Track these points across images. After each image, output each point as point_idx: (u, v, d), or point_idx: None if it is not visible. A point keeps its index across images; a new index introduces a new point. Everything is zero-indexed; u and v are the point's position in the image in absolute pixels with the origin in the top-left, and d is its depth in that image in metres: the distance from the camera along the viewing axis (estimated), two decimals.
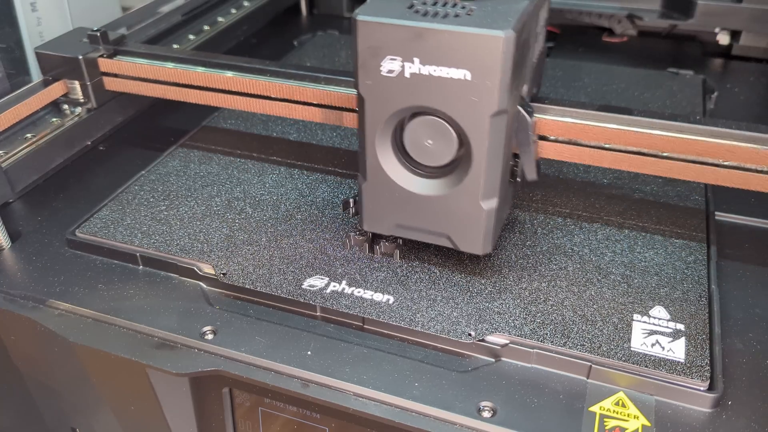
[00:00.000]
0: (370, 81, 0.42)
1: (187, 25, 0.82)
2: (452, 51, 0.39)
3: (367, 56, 0.41)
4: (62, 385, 0.52)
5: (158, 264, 0.51)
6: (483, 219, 0.44)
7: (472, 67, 0.39)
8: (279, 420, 0.47)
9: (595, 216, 0.54)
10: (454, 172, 0.44)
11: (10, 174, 0.59)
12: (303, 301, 0.47)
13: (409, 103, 0.42)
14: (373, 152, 0.45)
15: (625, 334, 0.44)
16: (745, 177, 0.47)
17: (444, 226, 0.46)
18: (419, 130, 0.43)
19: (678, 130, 0.47)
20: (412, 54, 0.40)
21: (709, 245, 0.51)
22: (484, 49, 0.38)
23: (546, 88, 0.74)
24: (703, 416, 0.41)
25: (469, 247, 0.46)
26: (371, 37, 0.40)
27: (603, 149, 0.49)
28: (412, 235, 0.47)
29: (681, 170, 0.48)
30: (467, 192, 0.43)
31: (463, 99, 0.40)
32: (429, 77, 0.40)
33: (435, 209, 0.45)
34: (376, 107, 0.43)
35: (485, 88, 0.39)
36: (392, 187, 0.45)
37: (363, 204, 0.47)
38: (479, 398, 0.41)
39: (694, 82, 0.76)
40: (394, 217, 0.47)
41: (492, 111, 0.40)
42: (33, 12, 0.80)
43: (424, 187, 0.45)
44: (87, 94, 0.65)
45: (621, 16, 0.91)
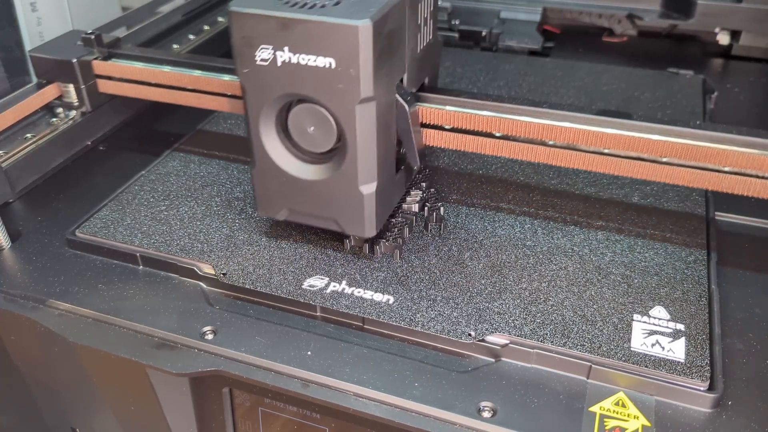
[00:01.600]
0: (247, 69, 0.44)
1: (187, 26, 0.82)
2: (317, 40, 0.41)
3: (242, 46, 0.43)
4: (62, 385, 0.52)
5: (158, 264, 0.51)
6: (363, 203, 0.46)
7: (336, 55, 0.41)
8: (279, 420, 0.47)
9: (595, 216, 0.54)
10: (335, 158, 0.46)
11: (10, 174, 0.59)
12: (303, 301, 0.47)
13: (283, 91, 0.44)
14: (259, 138, 0.47)
15: (625, 334, 0.44)
16: (745, 183, 0.47)
17: (331, 211, 0.48)
18: (301, 117, 0.45)
19: (628, 127, 0.48)
20: (282, 43, 0.42)
21: (709, 245, 0.51)
22: (345, 38, 0.40)
23: (546, 88, 0.74)
24: (703, 416, 0.41)
25: (355, 230, 0.48)
26: (244, 27, 0.43)
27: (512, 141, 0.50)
28: (303, 219, 0.49)
29: (676, 175, 0.48)
30: (346, 177, 0.45)
31: (332, 86, 0.42)
32: (299, 65, 0.42)
33: (321, 194, 0.47)
34: (255, 95, 0.45)
35: (349, 75, 0.41)
36: (279, 173, 0.47)
37: (255, 190, 0.49)
38: (479, 398, 0.41)
39: (694, 82, 0.76)
40: (285, 202, 0.49)
41: (358, 98, 0.42)
42: (33, 12, 0.80)
43: (309, 172, 0.47)
44: (81, 97, 0.65)
45: (621, 16, 0.91)
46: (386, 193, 0.48)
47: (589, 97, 0.72)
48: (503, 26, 0.89)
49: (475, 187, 0.58)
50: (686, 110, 0.69)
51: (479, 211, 0.55)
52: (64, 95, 0.65)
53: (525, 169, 0.61)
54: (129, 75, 0.63)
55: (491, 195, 0.57)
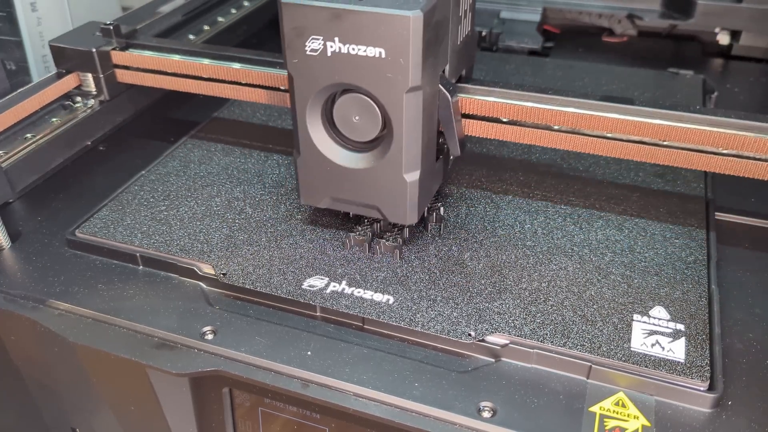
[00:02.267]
0: (297, 60, 0.45)
1: (187, 25, 0.82)
2: (367, 30, 0.42)
3: (292, 36, 0.44)
4: (62, 385, 0.52)
5: (158, 264, 0.51)
6: (407, 191, 0.46)
7: (386, 45, 0.42)
8: (279, 420, 0.47)
9: (595, 216, 0.54)
10: (380, 147, 0.47)
11: (10, 174, 0.59)
12: (303, 301, 0.47)
13: (332, 81, 0.45)
14: (305, 128, 0.47)
15: (625, 334, 0.44)
16: (743, 165, 0.48)
17: (373, 198, 0.48)
18: (347, 107, 0.46)
19: (624, 111, 0.49)
20: (332, 34, 0.43)
21: (709, 245, 0.51)
22: (396, 28, 0.41)
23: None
24: (703, 416, 0.41)
25: (397, 218, 0.48)
26: (295, 18, 0.43)
27: (544, 129, 0.51)
28: (346, 207, 0.50)
29: (633, 152, 0.50)
30: (391, 165, 0.46)
31: (380, 76, 0.43)
32: (348, 55, 0.43)
33: (364, 182, 0.48)
34: (303, 85, 0.46)
35: (398, 65, 0.42)
36: (324, 161, 0.48)
37: (299, 178, 0.50)
38: (479, 398, 0.41)
39: (694, 82, 0.76)
40: (328, 190, 0.49)
41: (406, 87, 0.43)
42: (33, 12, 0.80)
43: (353, 160, 0.48)
44: (100, 86, 0.66)
45: (621, 16, 0.91)
46: (427, 181, 0.49)
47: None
48: (503, 26, 0.89)
49: (475, 187, 0.58)
50: None
51: (479, 211, 0.55)
52: (83, 84, 0.67)
53: (525, 169, 0.61)
54: (146, 65, 0.64)
55: (491, 195, 0.57)
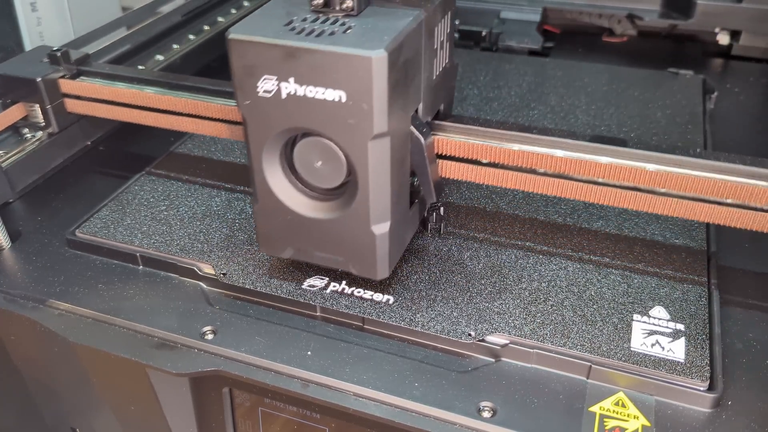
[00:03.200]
0: (249, 101, 0.40)
1: (187, 25, 0.82)
2: (326, 71, 0.37)
3: (243, 75, 0.40)
4: (62, 385, 0.52)
5: (158, 264, 0.51)
6: (375, 244, 0.42)
7: (346, 88, 0.38)
8: (279, 420, 0.47)
9: (595, 216, 0.54)
10: (345, 195, 0.43)
11: (10, 174, 0.59)
12: (303, 301, 0.47)
13: (288, 125, 0.40)
14: (261, 174, 0.43)
15: (625, 334, 0.44)
16: (749, 216, 0.44)
17: (340, 251, 0.44)
18: (308, 151, 0.42)
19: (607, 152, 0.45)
20: (287, 74, 0.38)
21: (708, 245, 0.51)
22: (357, 69, 0.37)
23: (546, 89, 0.74)
24: (703, 416, 0.41)
25: (367, 273, 0.44)
26: (245, 56, 0.39)
27: (528, 172, 0.47)
28: (311, 259, 0.46)
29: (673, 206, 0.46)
30: (357, 216, 0.42)
31: (341, 121, 0.39)
32: (305, 98, 0.39)
33: (329, 233, 0.43)
34: (258, 128, 0.41)
35: (361, 110, 0.38)
36: (284, 210, 0.44)
37: (257, 227, 0.46)
38: (479, 398, 0.41)
39: (694, 82, 0.76)
40: (290, 240, 0.45)
41: (371, 134, 0.38)
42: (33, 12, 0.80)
43: (316, 210, 0.44)
44: (47, 117, 0.61)
45: (621, 16, 0.91)
46: (399, 231, 0.45)
47: (589, 97, 0.72)
48: (503, 26, 0.89)
49: (475, 187, 0.58)
50: (686, 110, 0.69)
51: (479, 211, 0.55)
52: (29, 115, 0.61)
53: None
54: (98, 94, 0.59)
55: (491, 195, 0.57)
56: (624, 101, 0.71)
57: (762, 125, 0.71)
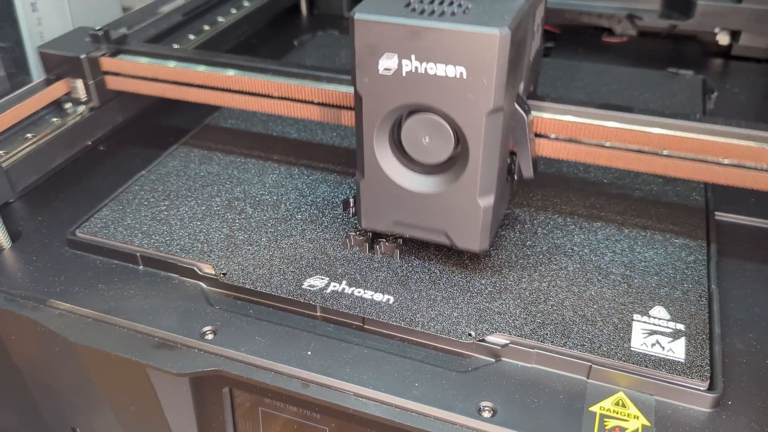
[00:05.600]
0: (368, 79, 0.42)
1: (187, 25, 0.82)
2: (448, 49, 0.39)
3: (364, 54, 0.42)
4: (62, 385, 0.52)
5: (158, 264, 0.51)
6: (480, 216, 0.44)
7: (468, 64, 0.39)
8: (279, 420, 0.47)
9: (595, 216, 0.54)
10: (452, 170, 0.44)
11: (10, 174, 0.59)
12: (303, 301, 0.47)
13: (405, 101, 0.42)
14: (371, 150, 0.45)
15: (625, 334, 0.44)
16: (744, 175, 0.47)
17: (441, 223, 0.46)
18: (416, 128, 0.43)
19: (678, 128, 0.47)
20: (408, 52, 0.40)
21: (709, 245, 0.51)
22: (480, 47, 0.39)
23: (546, 88, 0.74)
24: (703, 416, 0.41)
25: (467, 244, 0.46)
26: (368, 35, 0.41)
27: (601, 147, 0.49)
28: (410, 232, 0.48)
29: (680, 168, 0.48)
30: (464, 189, 0.44)
31: (460, 97, 0.41)
32: (425, 75, 0.41)
33: (432, 206, 0.45)
34: (373, 105, 0.43)
35: (481, 86, 0.40)
36: (390, 185, 0.46)
37: (361, 201, 0.48)
38: (479, 398, 0.41)
39: (694, 82, 0.76)
40: (392, 214, 0.47)
41: (488, 109, 0.40)
42: (33, 12, 0.80)
43: (422, 184, 0.45)
44: (89, 92, 0.65)
45: (621, 16, 0.91)
46: (499, 204, 0.47)
47: (589, 97, 0.72)
48: None
49: None
50: (686, 110, 0.70)
51: None
52: (72, 91, 0.66)
53: None
54: (136, 71, 0.63)
55: None
56: (624, 101, 0.71)
57: None
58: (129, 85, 0.65)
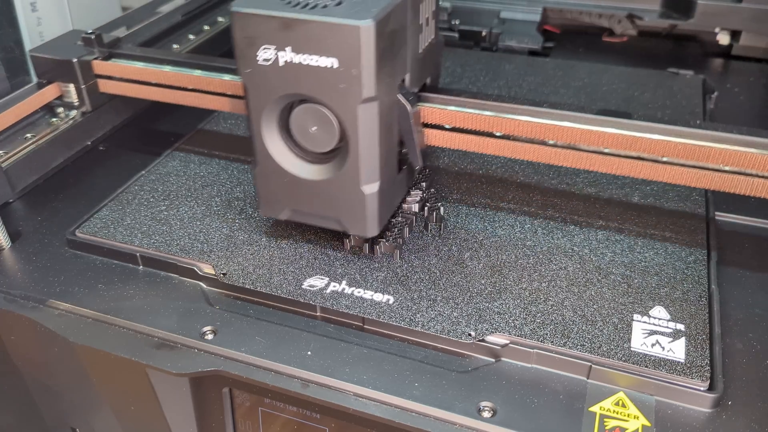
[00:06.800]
0: (249, 69, 0.44)
1: (186, 26, 0.82)
2: (320, 40, 0.41)
3: (244, 46, 0.43)
4: (62, 385, 0.52)
5: (158, 264, 0.51)
6: (366, 203, 0.46)
7: (338, 55, 0.41)
8: (279, 420, 0.47)
9: (595, 216, 0.54)
10: (337, 158, 0.46)
11: (10, 174, 0.59)
12: (303, 301, 0.47)
13: (285, 91, 0.44)
14: (261, 139, 0.47)
15: (625, 334, 0.44)
16: (746, 182, 0.47)
17: (333, 211, 0.48)
18: (304, 117, 0.45)
19: (622, 126, 0.48)
20: (284, 43, 0.42)
21: (709, 245, 0.51)
22: (348, 38, 0.40)
23: (546, 88, 0.74)
24: (703, 416, 0.41)
25: (358, 230, 0.48)
26: (246, 27, 0.43)
27: (492, 137, 0.51)
28: (306, 219, 0.49)
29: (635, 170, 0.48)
30: (349, 177, 0.46)
31: (334, 87, 0.42)
32: (301, 65, 0.42)
33: (324, 194, 0.47)
34: (257, 95, 0.45)
35: (351, 76, 0.41)
36: (281, 173, 0.47)
37: (257, 190, 0.49)
38: (479, 398, 0.41)
39: (694, 82, 0.76)
40: (288, 202, 0.49)
41: (360, 98, 0.42)
42: (33, 12, 0.80)
43: (311, 172, 0.47)
44: (81, 97, 0.65)
45: (621, 16, 0.91)
46: (388, 192, 0.48)
47: (589, 97, 0.72)
48: (503, 26, 0.89)
49: (475, 187, 0.58)
50: (686, 110, 0.69)
51: (479, 211, 0.55)
52: (64, 95, 0.65)
53: (525, 169, 0.61)
54: (129, 75, 0.63)
55: (491, 195, 0.57)
56: (624, 101, 0.71)
57: (762, 125, 0.71)
58: (122, 89, 0.64)
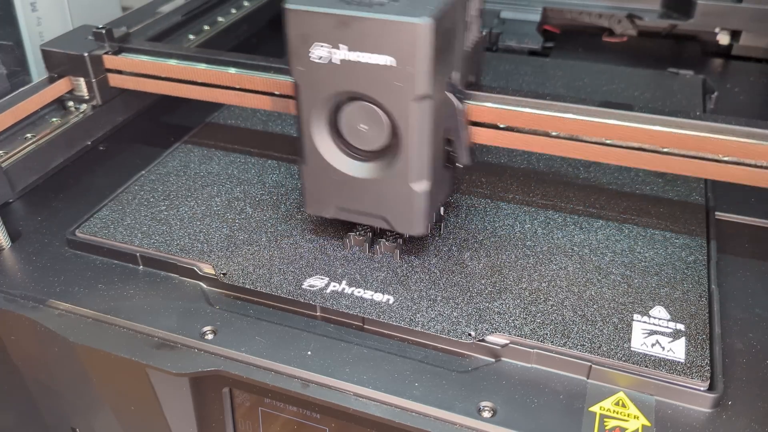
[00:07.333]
0: (302, 67, 0.44)
1: (187, 25, 0.82)
2: (376, 38, 0.41)
3: (297, 43, 0.43)
4: (62, 385, 0.52)
5: (158, 264, 0.51)
6: (415, 201, 0.46)
7: (395, 53, 0.41)
8: (279, 420, 0.47)
9: (595, 216, 0.54)
10: (387, 156, 0.46)
11: (10, 174, 0.59)
12: (303, 301, 0.47)
13: (339, 89, 0.44)
14: (310, 136, 0.46)
15: (625, 334, 0.44)
16: (744, 172, 0.47)
17: (381, 209, 0.47)
18: (354, 115, 0.45)
19: (632, 119, 0.48)
20: (339, 41, 0.42)
21: (709, 245, 0.51)
22: (405, 35, 0.40)
23: (546, 89, 0.74)
24: (703, 416, 0.41)
25: (405, 228, 0.48)
26: (300, 25, 0.42)
27: (549, 136, 0.50)
28: (352, 217, 0.49)
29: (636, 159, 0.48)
30: (399, 175, 0.45)
31: (389, 84, 0.42)
32: (356, 63, 0.42)
33: (372, 192, 0.47)
34: (309, 93, 0.45)
35: (408, 73, 0.41)
36: (330, 171, 0.47)
37: (304, 187, 0.49)
38: (479, 398, 0.41)
39: (694, 82, 0.76)
40: (334, 199, 0.48)
41: (415, 96, 0.42)
42: (33, 12, 0.80)
43: (360, 170, 0.47)
44: (92, 90, 0.66)
45: (621, 16, 0.91)
46: (436, 190, 0.48)
47: (588, 97, 0.72)
48: (503, 26, 0.89)
49: (475, 187, 0.58)
50: (686, 110, 0.69)
51: (479, 210, 0.55)
52: (75, 89, 0.66)
53: (525, 169, 0.61)
54: (139, 69, 0.63)
55: (491, 195, 0.57)
56: (624, 101, 0.71)
57: None
58: (131, 83, 0.65)
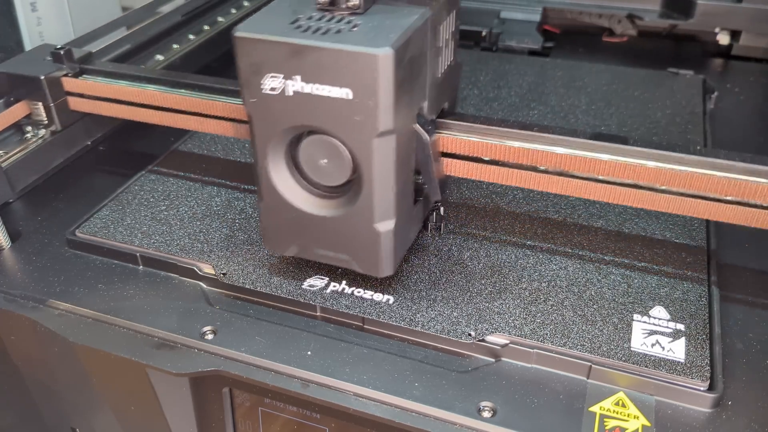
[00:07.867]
0: (255, 99, 0.40)
1: (187, 25, 0.82)
2: (332, 69, 0.38)
3: (249, 73, 0.40)
4: (62, 385, 0.52)
5: (158, 264, 0.51)
6: (379, 241, 0.42)
7: (352, 85, 0.38)
8: (279, 420, 0.47)
9: (595, 216, 0.54)
10: (350, 193, 0.43)
11: (10, 174, 0.59)
12: (303, 301, 0.47)
13: (294, 122, 0.41)
14: (266, 171, 0.43)
15: (625, 334, 0.44)
16: (749, 213, 0.44)
17: (344, 248, 0.44)
18: (313, 149, 0.42)
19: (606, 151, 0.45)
20: (293, 71, 0.39)
21: (708, 245, 0.51)
22: (363, 67, 0.37)
23: (546, 88, 0.74)
24: (703, 416, 0.41)
25: (371, 270, 0.44)
26: (252, 53, 0.39)
27: (535, 171, 0.47)
28: (315, 257, 0.46)
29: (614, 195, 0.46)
30: (362, 213, 0.42)
31: (347, 118, 0.39)
32: (311, 96, 0.39)
33: (334, 231, 0.43)
34: (263, 126, 0.42)
35: (367, 107, 0.38)
36: (288, 208, 0.44)
37: (261, 225, 0.46)
38: (479, 398, 0.41)
39: (694, 82, 0.76)
40: (294, 238, 0.45)
41: (376, 132, 0.39)
42: (33, 12, 0.80)
43: (321, 207, 0.44)
44: (51, 115, 0.61)
45: (621, 16, 0.91)
46: (404, 228, 0.45)
47: (589, 97, 0.72)
48: (503, 26, 0.89)
49: (475, 187, 0.58)
50: (686, 110, 0.69)
51: (479, 210, 0.55)
52: (33, 113, 0.61)
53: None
54: (101, 92, 0.59)
55: (491, 195, 0.57)
56: (624, 101, 0.71)
57: (762, 125, 0.71)
58: (94, 107, 0.60)
